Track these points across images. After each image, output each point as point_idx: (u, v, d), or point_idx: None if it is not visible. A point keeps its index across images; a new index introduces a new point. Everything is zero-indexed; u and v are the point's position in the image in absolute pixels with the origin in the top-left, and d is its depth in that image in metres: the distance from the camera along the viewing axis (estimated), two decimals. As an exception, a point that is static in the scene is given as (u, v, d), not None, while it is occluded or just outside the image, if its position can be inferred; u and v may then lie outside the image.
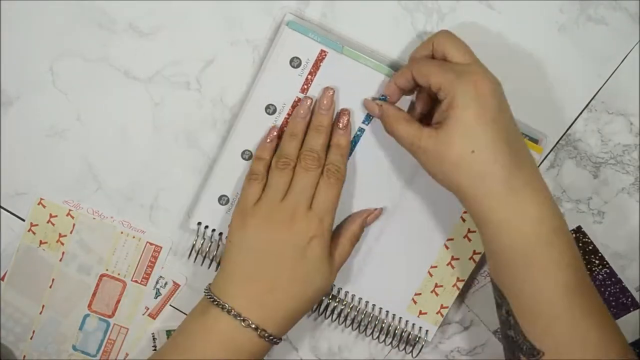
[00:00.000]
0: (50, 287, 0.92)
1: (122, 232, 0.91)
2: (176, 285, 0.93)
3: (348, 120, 0.83)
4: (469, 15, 0.84)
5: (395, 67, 0.83)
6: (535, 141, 0.85)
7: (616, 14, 0.84)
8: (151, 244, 0.92)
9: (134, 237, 0.91)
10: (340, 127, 0.83)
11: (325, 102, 0.82)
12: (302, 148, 0.82)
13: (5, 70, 0.87)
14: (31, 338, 0.93)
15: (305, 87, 0.83)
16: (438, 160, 0.74)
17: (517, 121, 0.84)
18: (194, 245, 0.88)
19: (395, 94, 0.81)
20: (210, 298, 0.80)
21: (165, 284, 0.93)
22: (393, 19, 0.84)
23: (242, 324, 0.77)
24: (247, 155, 0.85)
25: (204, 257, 0.89)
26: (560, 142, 0.87)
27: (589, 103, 0.86)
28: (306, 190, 0.80)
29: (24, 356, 0.94)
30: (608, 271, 0.87)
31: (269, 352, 0.80)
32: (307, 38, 0.82)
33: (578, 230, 0.87)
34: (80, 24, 0.86)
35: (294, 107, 0.84)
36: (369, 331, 0.90)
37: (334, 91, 0.83)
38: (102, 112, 0.88)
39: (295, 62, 0.82)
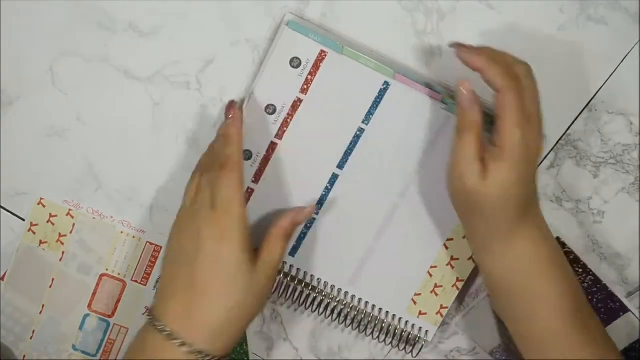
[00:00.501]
0: (50, 287, 0.92)
1: (122, 232, 0.91)
2: (176, 285, 0.93)
3: (236, 110, 0.81)
4: (469, 15, 0.84)
5: (395, 67, 0.83)
6: None
7: (616, 14, 0.84)
8: (151, 243, 0.92)
9: (134, 237, 0.92)
10: (229, 117, 0.81)
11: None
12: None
13: (5, 70, 0.87)
14: (31, 338, 0.93)
15: (305, 87, 0.83)
16: (462, 194, 0.76)
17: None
18: None
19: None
20: (148, 315, 0.78)
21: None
22: (393, 19, 0.84)
23: (172, 341, 0.73)
24: (247, 155, 0.85)
25: None
26: (560, 142, 0.87)
27: (589, 103, 0.86)
28: (203, 191, 0.78)
29: (24, 356, 0.94)
30: (593, 278, 0.87)
31: (268, 352, 0.80)
32: (307, 38, 0.82)
33: (557, 240, 0.87)
34: (80, 24, 0.86)
35: (294, 107, 0.84)
36: (368, 331, 0.90)
37: (238, 106, 0.83)
38: (102, 112, 0.88)
39: (295, 63, 0.82)
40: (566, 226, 0.89)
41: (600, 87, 0.85)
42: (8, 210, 0.91)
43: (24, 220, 0.91)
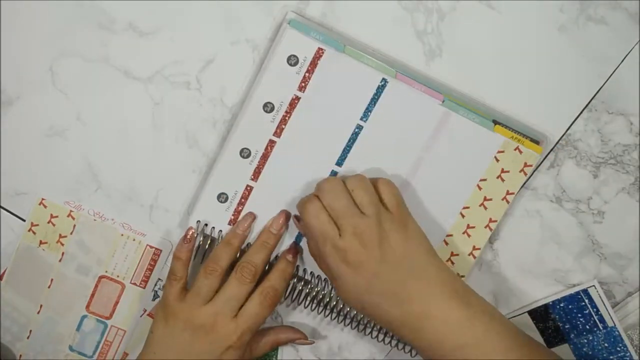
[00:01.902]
0: (49, 287, 0.92)
1: (122, 235, 0.91)
2: (175, 286, 0.93)
3: (295, 257, 0.87)
4: (469, 15, 0.84)
5: (397, 67, 0.83)
6: (536, 142, 0.85)
7: (616, 14, 0.84)
8: (151, 247, 0.92)
9: (134, 239, 0.91)
10: (290, 257, 0.86)
11: (276, 224, 0.86)
12: (243, 258, 0.85)
13: (5, 70, 0.87)
14: (28, 337, 0.93)
15: (303, 84, 0.83)
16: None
17: (518, 121, 0.84)
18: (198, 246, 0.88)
19: None
20: None
21: (164, 286, 0.93)
22: (393, 19, 0.85)
23: None
24: (245, 153, 0.85)
25: (203, 256, 0.89)
26: (560, 142, 0.87)
27: (589, 103, 0.86)
28: (234, 300, 0.83)
29: (20, 355, 0.93)
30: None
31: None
32: (309, 37, 0.82)
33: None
34: (80, 24, 0.86)
35: (291, 105, 0.84)
36: (367, 330, 0.89)
37: (285, 217, 0.87)
38: (102, 112, 0.88)
39: (292, 60, 0.83)
40: (566, 226, 0.88)
41: (600, 87, 0.85)
42: (8, 210, 0.91)
43: (23, 220, 0.91)
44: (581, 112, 0.86)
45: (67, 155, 0.89)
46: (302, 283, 0.88)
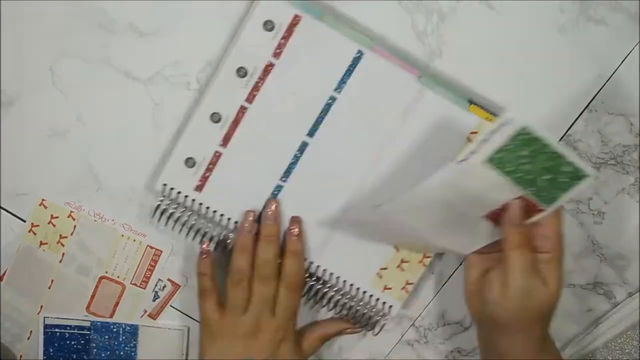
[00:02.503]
0: (49, 287, 0.92)
1: (122, 235, 0.91)
2: (176, 287, 0.93)
3: (300, 228, 0.86)
4: (469, 15, 0.84)
5: (376, 41, 0.83)
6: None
7: (616, 14, 0.84)
8: (151, 247, 0.92)
9: (134, 240, 0.91)
10: (294, 234, 0.86)
11: (270, 214, 0.86)
12: (256, 260, 0.85)
13: (5, 70, 0.87)
14: (28, 338, 0.93)
15: (278, 51, 0.82)
16: (527, 309, 0.79)
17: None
18: (158, 206, 0.88)
19: None
20: None
21: (164, 286, 0.93)
22: (393, 19, 0.84)
23: None
24: (216, 117, 0.84)
25: (168, 219, 0.88)
26: (560, 142, 0.86)
27: (589, 103, 0.86)
28: (266, 301, 0.85)
29: (21, 356, 0.94)
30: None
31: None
32: (286, 2, 0.81)
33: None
34: (80, 24, 0.86)
35: (265, 71, 0.83)
36: (331, 305, 0.89)
37: (277, 204, 0.86)
38: (102, 112, 0.88)
39: (268, 26, 0.81)
40: (567, 227, 0.88)
41: (601, 88, 0.85)
42: (8, 211, 0.91)
43: (24, 220, 0.91)
44: (581, 113, 0.86)
45: (67, 155, 0.89)
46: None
